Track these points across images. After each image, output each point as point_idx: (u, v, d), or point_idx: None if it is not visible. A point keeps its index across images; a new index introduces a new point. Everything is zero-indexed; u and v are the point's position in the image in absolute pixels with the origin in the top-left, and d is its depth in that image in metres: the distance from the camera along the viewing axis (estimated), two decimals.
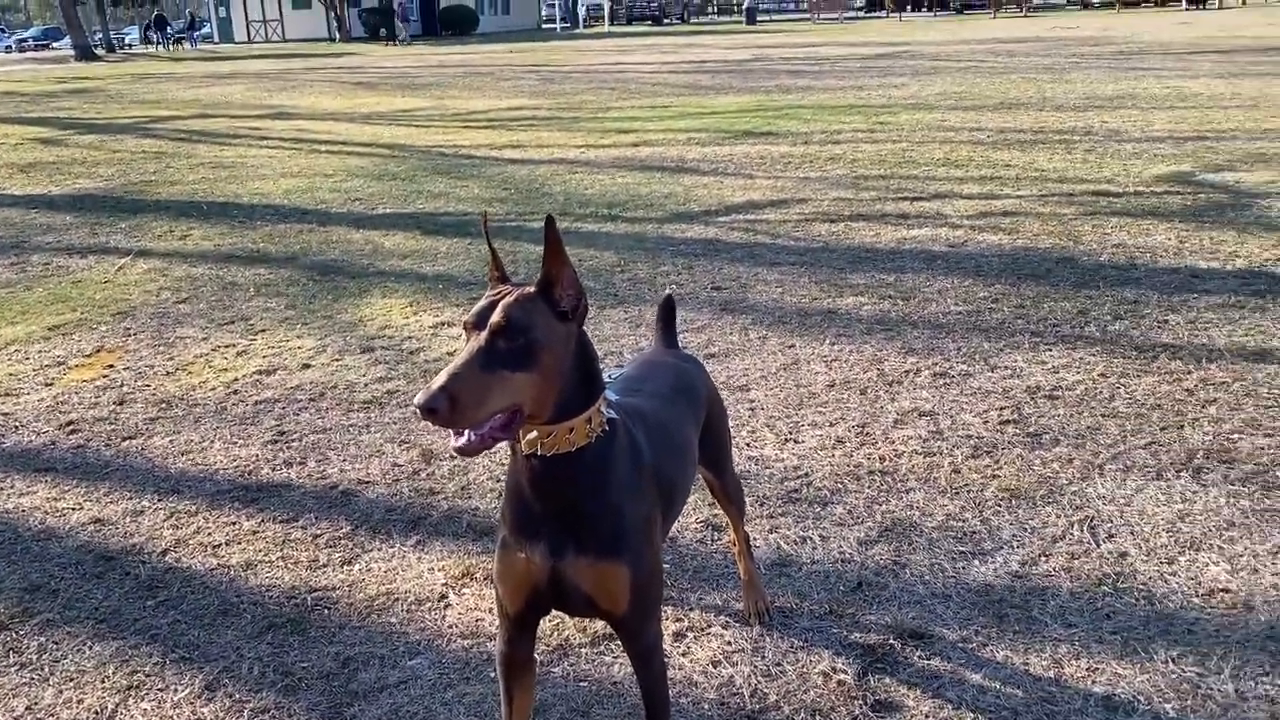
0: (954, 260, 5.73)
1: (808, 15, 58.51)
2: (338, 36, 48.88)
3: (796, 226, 6.75)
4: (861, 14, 58.72)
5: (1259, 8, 41.16)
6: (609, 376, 1.80)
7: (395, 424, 3.81)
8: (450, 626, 2.55)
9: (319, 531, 3.04)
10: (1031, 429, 3.52)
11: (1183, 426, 3.47)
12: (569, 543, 1.66)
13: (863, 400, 3.86)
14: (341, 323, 5.09)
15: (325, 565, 2.85)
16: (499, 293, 1.57)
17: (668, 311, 2.43)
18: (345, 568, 2.84)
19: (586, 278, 5.63)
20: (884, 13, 54.57)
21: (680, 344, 2.25)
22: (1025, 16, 45.07)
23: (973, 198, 7.35)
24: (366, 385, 4.22)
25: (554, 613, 1.80)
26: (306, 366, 4.48)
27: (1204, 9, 43.01)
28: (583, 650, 2.41)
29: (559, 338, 1.55)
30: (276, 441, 3.71)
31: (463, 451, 1.47)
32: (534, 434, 1.58)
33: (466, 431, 1.45)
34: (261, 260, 6.45)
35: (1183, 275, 5.22)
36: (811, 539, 2.87)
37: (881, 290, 5.22)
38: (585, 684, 2.30)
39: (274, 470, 3.47)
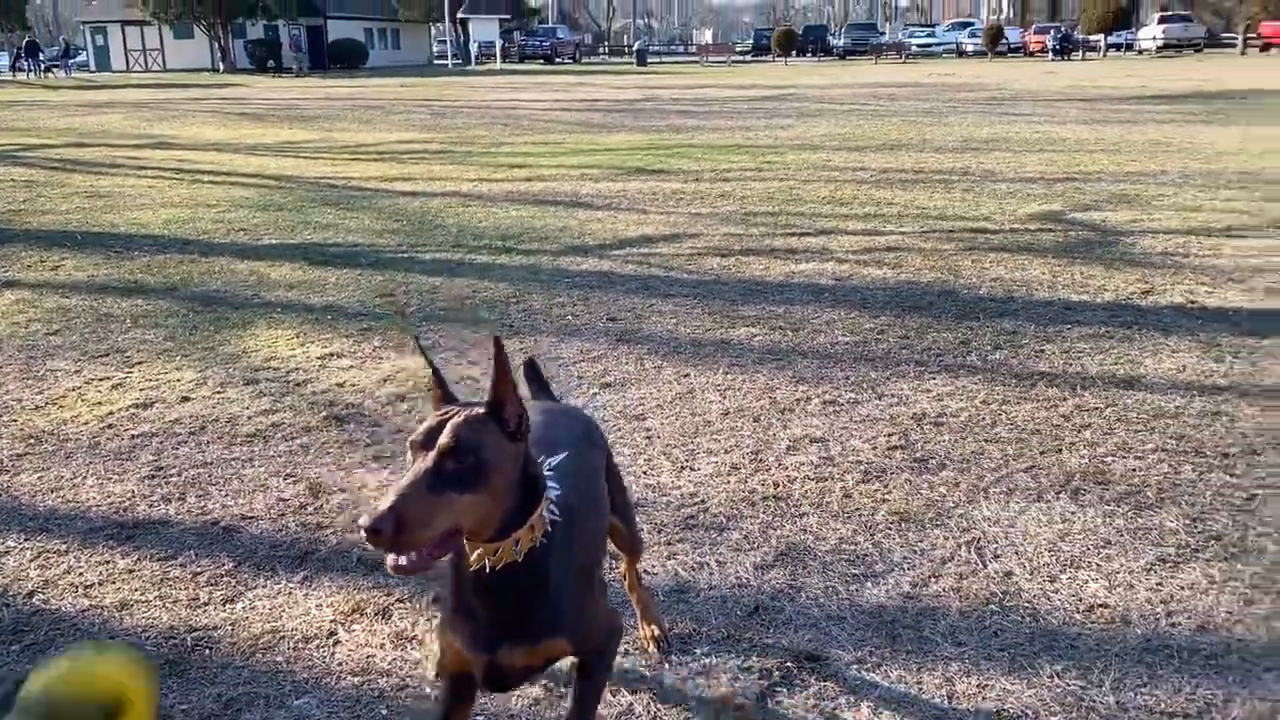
0: (841, 293, 5.87)
1: (696, 58, 59.76)
2: (221, 67, 47.80)
3: (689, 260, 6.83)
4: (748, 58, 60.29)
5: (1116, 61, 43.80)
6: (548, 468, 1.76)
7: (281, 457, 3.68)
8: (339, 664, 2.46)
9: (199, 569, 2.91)
10: (918, 454, 3.61)
11: (1060, 450, 3.61)
12: (508, 635, 1.66)
13: (756, 427, 3.90)
14: (224, 354, 4.92)
15: (206, 604, 2.73)
16: (446, 412, 1.55)
17: (533, 370, 2.39)
18: (227, 606, 2.72)
19: (481, 309, 5.59)
20: (770, 57, 56.08)
21: (578, 375, 2.25)
22: (904, 63, 46.97)
23: (857, 234, 7.56)
24: (250, 418, 4.08)
25: None
26: (186, 399, 4.30)
27: (1068, 60, 45.58)
28: None
29: (508, 457, 1.54)
30: (154, 476, 3.54)
31: (401, 571, 1.43)
32: (479, 550, 1.56)
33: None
34: (139, 291, 6.20)
35: (1057, 307, 5.46)
36: (709, 565, 2.87)
37: (772, 321, 5.31)
38: (481, 717, 2.24)
39: (151, 506, 3.32)
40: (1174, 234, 7.22)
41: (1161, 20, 56.29)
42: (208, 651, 2.51)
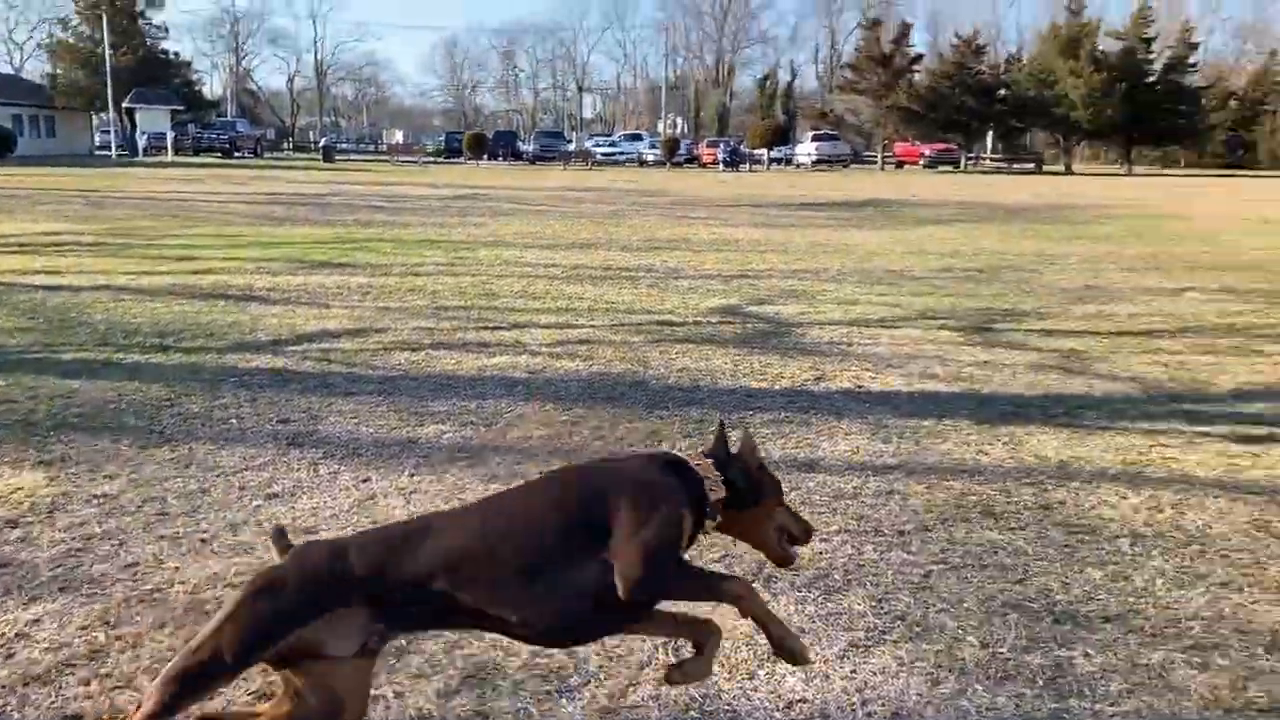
0: (534, 386, 5.72)
1: (387, 157, 59.37)
2: None
3: (375, 355, 6.45)
4: (440, 159, 60.68)
5: (779, 173, 48.19)
6: None
7: None
8: None
9: None
10: None
11: None
12: None
13: None
14: None
15: None
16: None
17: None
18: None
19: (126, 414, 4.92)
20: (462, 159, 56.71)
21: (239, 485, 1.89)
22: (590, 170, 49.06)
23: (550, 327, 7.51)
24: None
25: None
26: None
27: (737, 171, 49.54)
28: None
29: None
30: None
31: None
32: None
33: None
34: None
35: (740, 395, 5.60)
36: (384, 696, 2.52)
37: (464, 417, 5.04)
38: None
39: None
40: (838, 325, 7.74)
41: (815, 139, 62.89)
42: None
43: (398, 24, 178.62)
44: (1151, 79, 61.94)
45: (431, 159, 59.49)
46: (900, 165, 61.86)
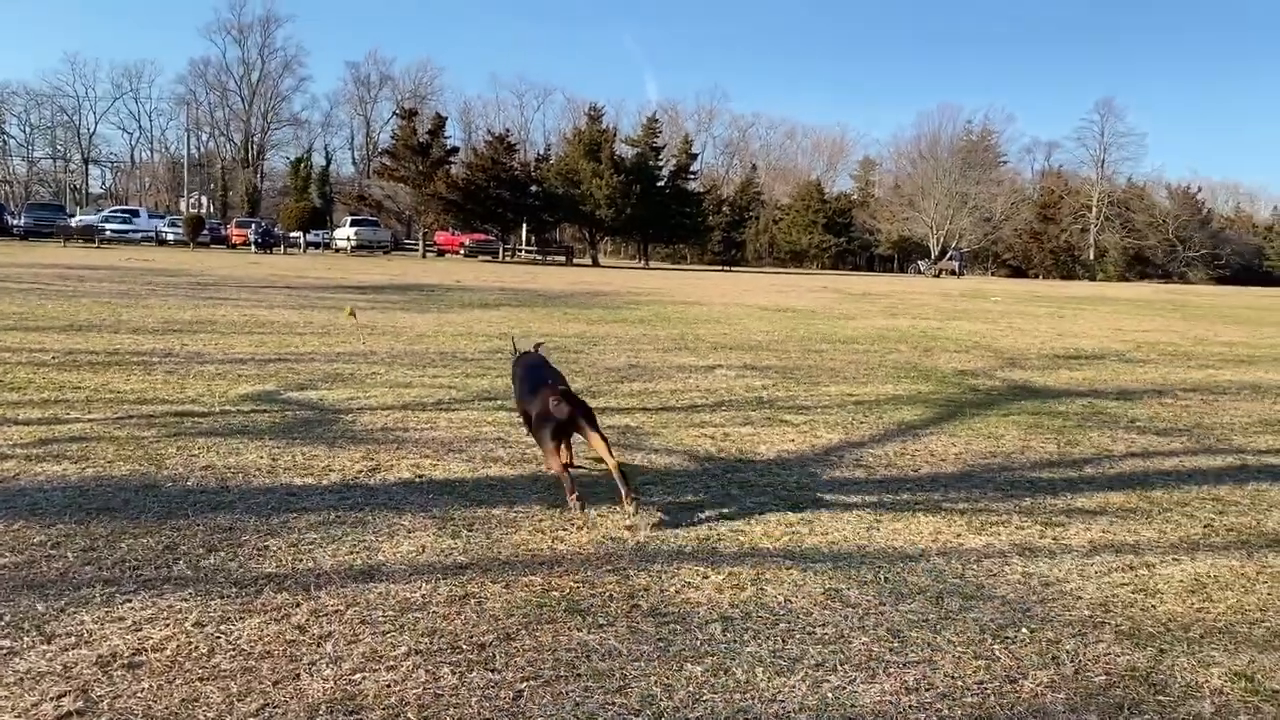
0: (2, 499, 4.44)
1: None
2: None
3: None
4: None
5: (317, 256, 46.47)
6: None
7: None
8: None
9: None
10: (106, 719, 2.54)
11: (299, 675, 2.84)
12: None
13: None
14: None
15: None
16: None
17: None
18: None
19: None
20: None
21: None
22: (99, 247, 43.96)
23: (31, 424, 6.07)
24: None
25: None
26: None
27: (271, 253, 47.16)
28: None
29: None
30: None
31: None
32: None
33: None
34: None
35: (279, 494, 4.76)
36: None
37: None
38: None
39: None
40: (392, 410, 7.12)
41: (354, 223, 61.86)
42: None
43: None
44: (661, 183, 68.92)
45: None
46: (441, 253, 62.73)
